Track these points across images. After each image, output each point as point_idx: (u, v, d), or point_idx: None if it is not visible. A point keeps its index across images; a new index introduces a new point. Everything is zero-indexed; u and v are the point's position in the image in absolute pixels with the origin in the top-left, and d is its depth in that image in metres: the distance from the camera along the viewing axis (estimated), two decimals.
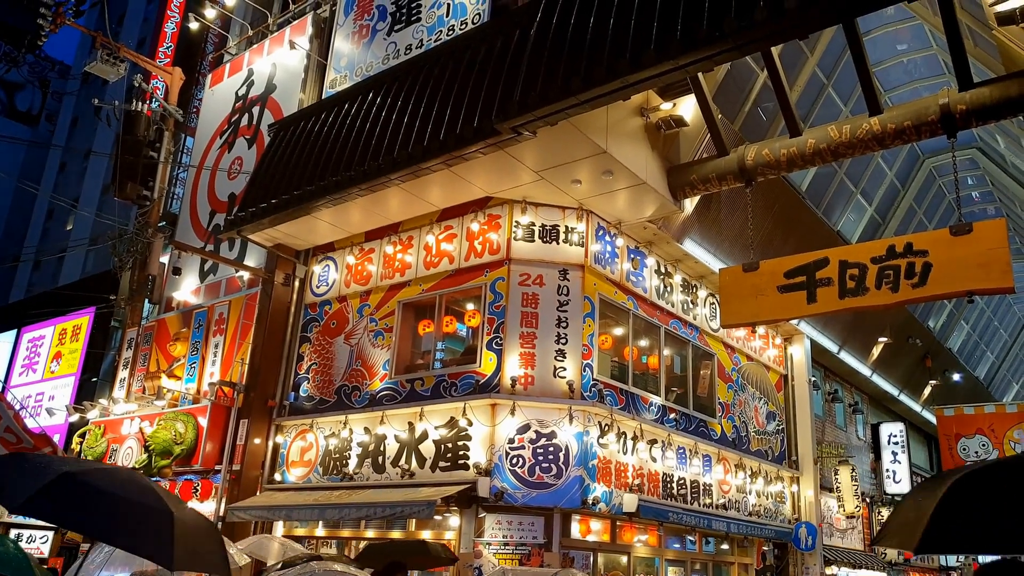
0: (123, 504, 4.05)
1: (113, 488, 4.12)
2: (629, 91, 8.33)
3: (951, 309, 23.68)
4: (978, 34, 11.99)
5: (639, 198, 10.72)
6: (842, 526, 17.59)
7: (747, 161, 9.96)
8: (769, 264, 9.14)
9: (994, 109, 8.49)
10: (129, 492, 4.15)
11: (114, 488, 4.13)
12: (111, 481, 4.24)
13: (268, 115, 14.08)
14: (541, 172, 10.17)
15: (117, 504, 4.04)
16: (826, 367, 18.34)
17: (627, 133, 10.11)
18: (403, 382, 11.09)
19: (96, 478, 4.21)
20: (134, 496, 4.12)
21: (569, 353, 10.34)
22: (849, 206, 17.31)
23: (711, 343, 13.44)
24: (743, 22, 7.16)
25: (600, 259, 11.05)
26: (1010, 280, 7.70)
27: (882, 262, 8.38)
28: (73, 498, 3.98)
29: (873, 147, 9.39)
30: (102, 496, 4.03)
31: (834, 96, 15.16)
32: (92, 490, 4.06)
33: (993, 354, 29.93)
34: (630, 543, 11.21)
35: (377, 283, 12.02)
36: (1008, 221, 11.64)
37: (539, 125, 8.84)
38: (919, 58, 16.56)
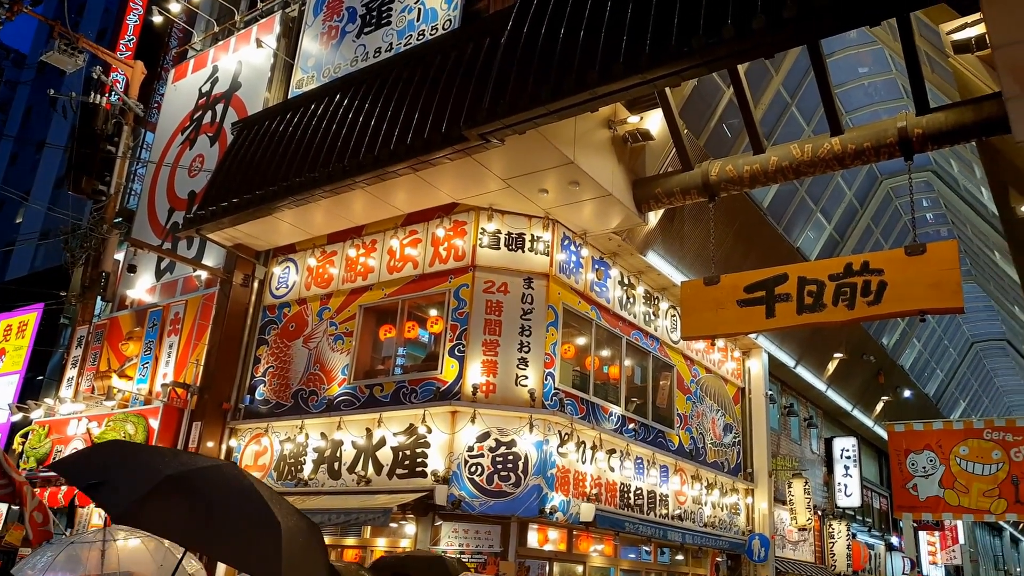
0: (230, 514, 3.84)
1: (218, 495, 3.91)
2: (597, 103, 8.37)
3: (904, 327, 24.27)
4: (935, 61, 12.35)
5: (605, 209, 10.77)
6: (794, 538, 17.85)
7: (711, 176, 10.09)
8: (730, 278, 9.25)
9: (949, 134, 8.72)
10: (235, 499, 3.93)
11: (219, 495, 3.92)
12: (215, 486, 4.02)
13: (232, 113, 13.87)
14: (508, 180, 10.16)
15: (225, 515, 3.83)
16: (783, 381, 18.63)
17: (594, 145, 10.16)
18: (362, 387, 10.96)
19: (199, 483, 4.00)
20: (241, 505, 3.91)
21: (531, 362, 10.33)
22: (809, 224, 17.64)
23: (671, 355, 13.56)
24: (711, 39, 7.25)
25: (565, 269, 11.07)
26: (960, 301, 7.90)
27: (839, 279, 8.53)
28: (177, 507, 3.77)
29: (834, 166, 9.58)
30: (206, 505, 3.82)
31: (797, 115, 15.47)
32: (196, 497, 3.85)
33: (942, 372, 30.75)
34: (586, 553, 11.22)
35: (338, 286, 11.88)
36: (959, 243, 11.97)
37: (507, 133, 8.83)
38: (879, 81, 17.00)
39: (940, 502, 14.86)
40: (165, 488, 3.76)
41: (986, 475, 14.47)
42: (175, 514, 3.78)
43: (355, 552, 10.86)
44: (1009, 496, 14.15)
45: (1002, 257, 18.49)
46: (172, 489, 3.79)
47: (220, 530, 3.78)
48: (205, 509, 3.80)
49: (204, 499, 3.83)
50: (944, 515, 15.98)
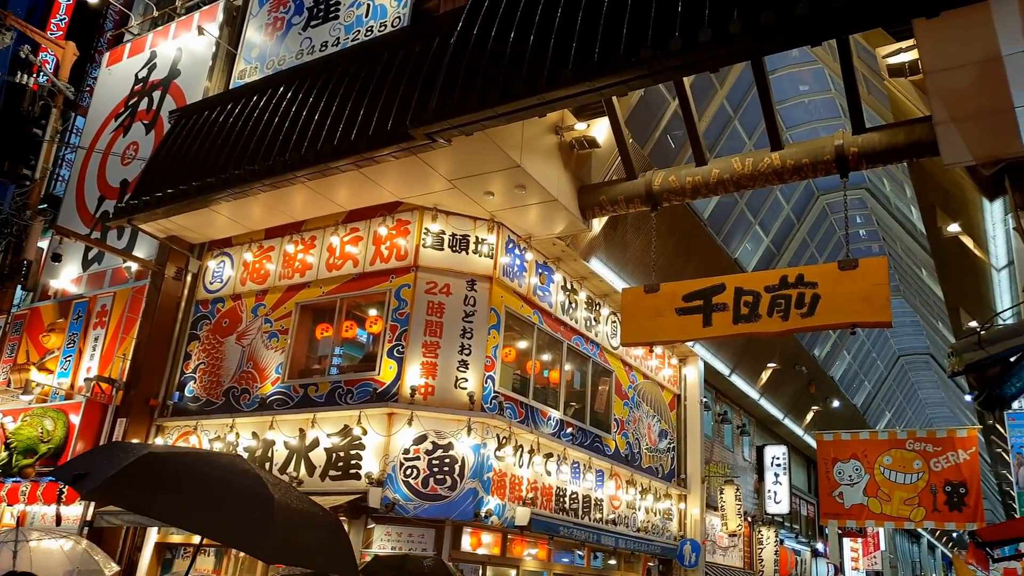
0: (211, 487, 3.56)
1: (201, 470, 3.64)
2: (545, 108, 8.37)
3: (835, 339, 25.03)
4: (872, 83, 12.77)
5: (550, 214, 10.79)
6: (724, 544, 18.20)
7: (654, 186, 10.20)
8: (669, 287, 9.36)
9: (882, 154, 9.00)
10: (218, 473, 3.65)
11: (202, 470, 3.65)
12: (201, 463, 3.77)
13: (170, 101, 13.44)
14: (454, 181, 10.09)
15: (204, 487, 3.54)
16: (717, 389, 18.99)
17: (541, 149, 10.17)
18: (296, 387, 10.73)
19: (184, 459, 3.75)
20: (224, 478, 3.62)
21: (472, 364, 10.27)
22: (747, 236, 18.04)
23: (610, 360, 13.67)
24: (658, 51, 7.32)
25: (509, 272, 11.05)
26: (889, 315, 8.14)
27: (775, 291, 8.70)
28: (152, 481, 3.49)
29: (773, 181, 9.78)
30: (186, 478, 3.56)
31: (739, 129, 15.80)
32: (175, 471, 3.57)
33: (870, 384, 31.83)
34: (520, 557, 11.20)
35: (275, 283, 11.61)
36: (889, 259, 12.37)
37: (454, 134, 8.77)
38: (819, 100, 17.50)
39: (864, 510, 15.29)
40: (145, 463, 3.53)
41: (907, 484, 14.95)
42: (152, 488, 3.52)
43: None
44: (928, 504, 14.65)
45: (928, 274, 19.24)
46: (153, 465, 3.56)
47: (200, 503, 3.51)
48: (189, 483, 3.55)
49: (184, 472, 3.61)
50: (867, 522, 16.43)
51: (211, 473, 3.69)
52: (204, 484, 3.57)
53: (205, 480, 3.60)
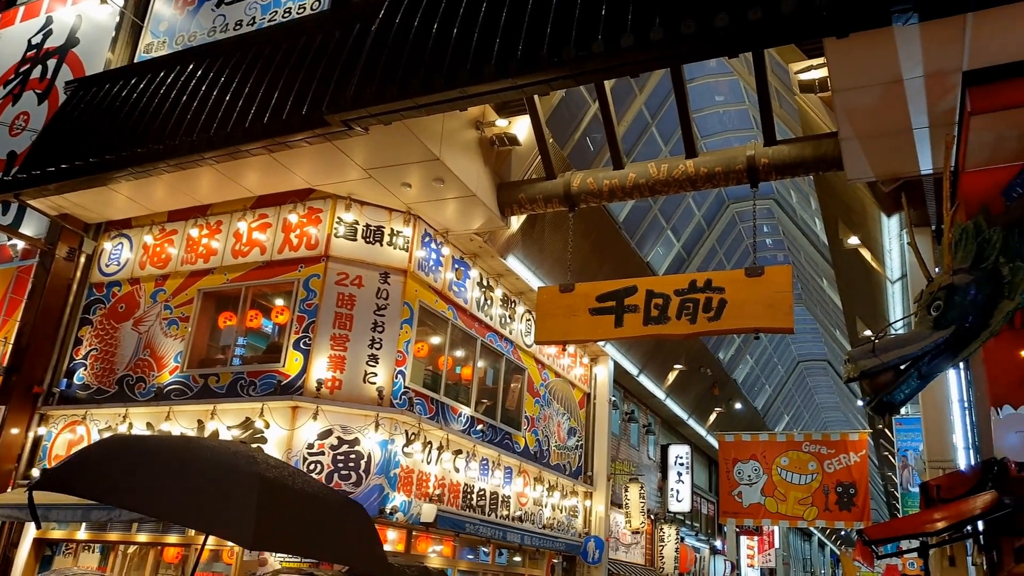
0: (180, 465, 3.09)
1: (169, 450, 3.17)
2: (466, 102, 8.27)
3: (739, 343, 25.89)
4: (784, 97, 13.21)
5: (468, 209, 10.70)
6: (627, 541, 18.56)
7: (572, 187, 10.25)
8: (584, 287, 9.44)
9: (790, 166, 9.31)
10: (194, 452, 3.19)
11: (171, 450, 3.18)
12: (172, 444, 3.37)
13: (66, 70, 12.63)
14: (370, 170, 9.87)
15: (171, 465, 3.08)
16: (626, 388, 19.33)
17: (461, 144, 10.07)
18: (196, 376, 10.28)
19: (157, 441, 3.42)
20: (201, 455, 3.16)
21: (382, 359, 10.07)
22: (659, 240, 18.42)
23: (524, 358, 13.70)
24: (581, 52, 7.33)
25: (424, 266, 10.90)
26: (791, 322, 8.44)
27: (684, 295, 8.90)
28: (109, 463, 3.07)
29: (686, 187, 9.98)
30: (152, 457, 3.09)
31: (656, 136, 16.09)
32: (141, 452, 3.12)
33: (771, 387, 33.09)
34: (424, 553, 11.08)
35: (176, 267, 11.09)
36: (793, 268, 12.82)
37: (372, 122, 8.56)
38: (733, 111, 18.02)
39: (761, 509, 15.86)
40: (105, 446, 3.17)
41: (802, 484, 15.59)
42: (107, 471, 3.09)
43: (177, 551, 10.16)
44: (820, 504, 15.32)
45: (829, 284, 20.12)
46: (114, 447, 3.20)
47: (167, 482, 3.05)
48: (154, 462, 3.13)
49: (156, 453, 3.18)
50: (764, 521, 17.05)
51: (186, 454, 3.25)
52: (172, 463, 3.13)
53: (174, 459, 3.16)
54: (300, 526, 3.19)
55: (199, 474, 3.10)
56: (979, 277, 5.50)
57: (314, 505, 3.32)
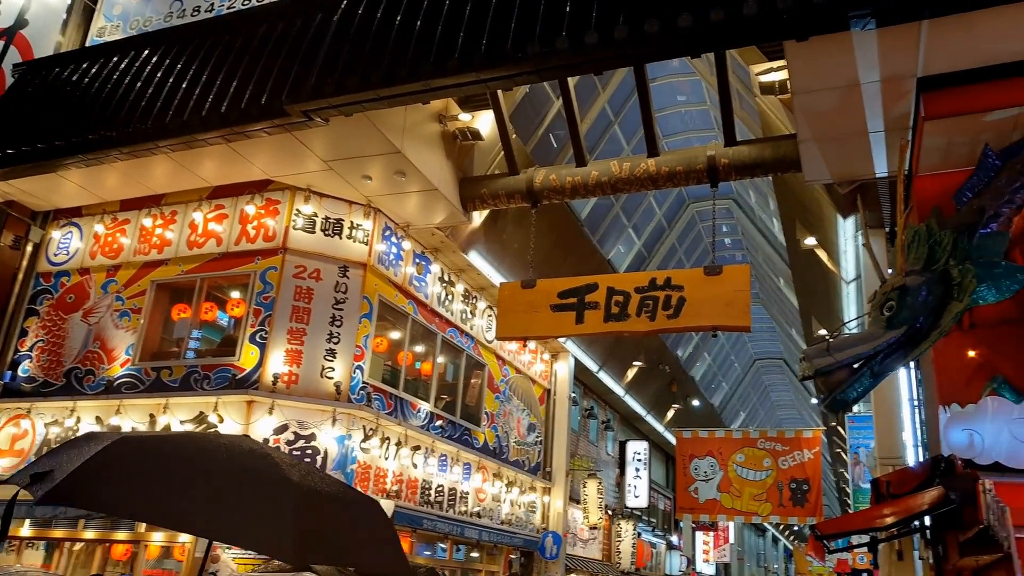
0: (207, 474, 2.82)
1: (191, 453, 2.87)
2: (430, 95, 8.20)
3: (697, 341, 26.20)
4: (745, 98, 13.36)
5: (430, 204, 10.62)
6: (585, 536, 18.66)
7: (535, 183, 10.23)
8: (545, 283, 9.44)
9: (750, 167, 9.41)
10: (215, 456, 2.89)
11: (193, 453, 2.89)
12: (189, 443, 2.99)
13: (14, 53, 12.18)
14: (330, 162, 9.74)
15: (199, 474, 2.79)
16: (585, 385, 19.43)
17: (423, 137, 9.98)
18: (148, 370, 10.05)
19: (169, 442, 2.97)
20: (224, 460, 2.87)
21: (340, 353, 9.95)
22: (621, 238, 18.53)
23: (484, 354, 13.67)
24: (545, 49, 7.31)
25: (384, 260, 10.79)
26: (748, 320, 8.53)
27: (644, 292, 8.94)
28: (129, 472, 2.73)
29: (648, 186, 10.04)
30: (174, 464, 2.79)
31: (619, 134, 16.17)
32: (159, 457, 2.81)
33: (727, 384, 33.57)
34: None
35: (129, 258, 10.82)
36: (751, 267, 12.96)
37: (332, 113, 8.43)
38: (695, 111, 18.19)
39: (717, 504, 16.04)
40: (117, 451, 2.76)
41: (757, 480, 15.81)
42: (130, 482, 2.74)
43: (126, 547, 9.92)
44: (774, 500, 15.56)
45: (785, 284, 20.45)
46: (128, 452, 2.80)
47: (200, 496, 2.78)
48: (178, 471, 2.83)
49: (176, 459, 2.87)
50: (719, 516, 17.24)
51: (205, 456, 2.96)
52: (199, 471, 2.85)
53: (199, 465, 2.88)
54: (335, 534, 3.00)
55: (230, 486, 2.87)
56: (930, 279, 5.62)
57: (339, 508, 3.16)
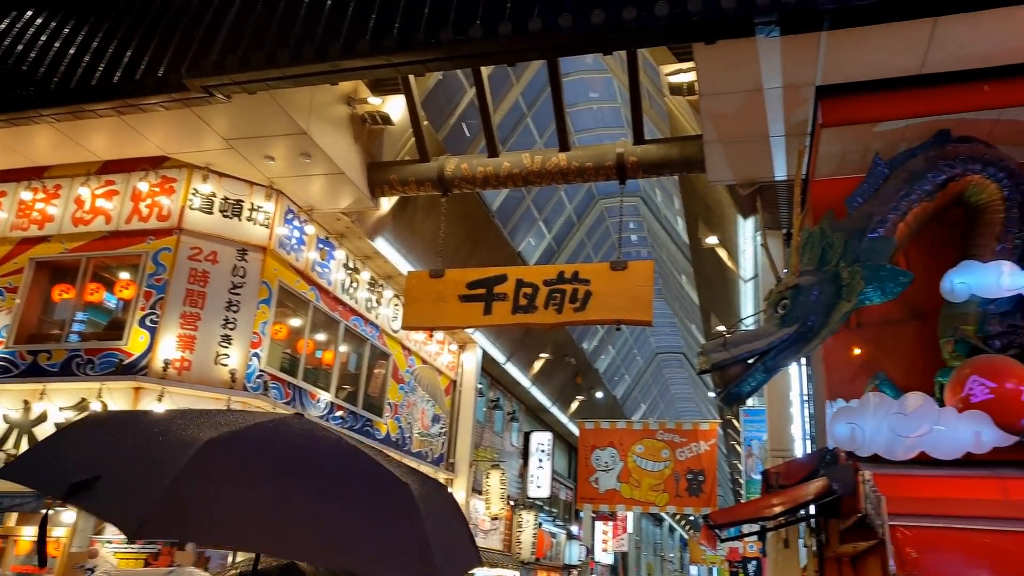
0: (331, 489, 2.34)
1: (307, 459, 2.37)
2: (338, 77, 7.97)
3: (603, 334, 26.68)
4: (654, 98, 13.63)
5: (335, 187, 10.34)
6: (486, 527, 18.71)
7: (446, 171, 10.12)
8: (454, 273, 9.37)
9: (658, 166, 9.60)
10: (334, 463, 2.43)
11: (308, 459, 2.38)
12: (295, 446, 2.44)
13: None
14: (231, 141, 9.33)
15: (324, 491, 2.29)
16: (492, 376, 19.46)
17: (331, 119, 9.70)
18: (23, 353, 9.38)
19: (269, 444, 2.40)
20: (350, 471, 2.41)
21: (236, 340, 9.58)
22: (531, 231, 18.62)
23: (389, 344, 13.46)
24: (459, 36, 7.21)
25: (285, 244, 10.44)
26: (650, 315, 8.72)
27: (552, 285, 9.01)
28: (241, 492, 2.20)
29: (558, 180, 10.09)
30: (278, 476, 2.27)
31: (531, 127, 16.20)
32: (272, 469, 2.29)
33: (630, 377, 34.38)
34: None
35: (6, 233, 10.09)
36: (656, 264, 13.24)
37: (235, 90, 8.07)
38: (607, 108, 18.44)
39: (616, 495, 16.38)
40: (210, 462, 2.20)
41: (655, 471, 16.23)
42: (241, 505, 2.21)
43: None
44: (671, 490, 16.01)
45: (687, 281, 21.07)
46: (224, 463, 2.25)
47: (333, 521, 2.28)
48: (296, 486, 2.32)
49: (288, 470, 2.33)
50: (619, 506, 17.61)
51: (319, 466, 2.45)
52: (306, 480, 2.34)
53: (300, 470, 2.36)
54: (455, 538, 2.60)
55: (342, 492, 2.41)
56: (822, 279, 5.85)
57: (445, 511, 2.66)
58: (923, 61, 6.40)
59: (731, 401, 6.12)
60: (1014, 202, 6.04)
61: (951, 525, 4.76)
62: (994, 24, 5.98)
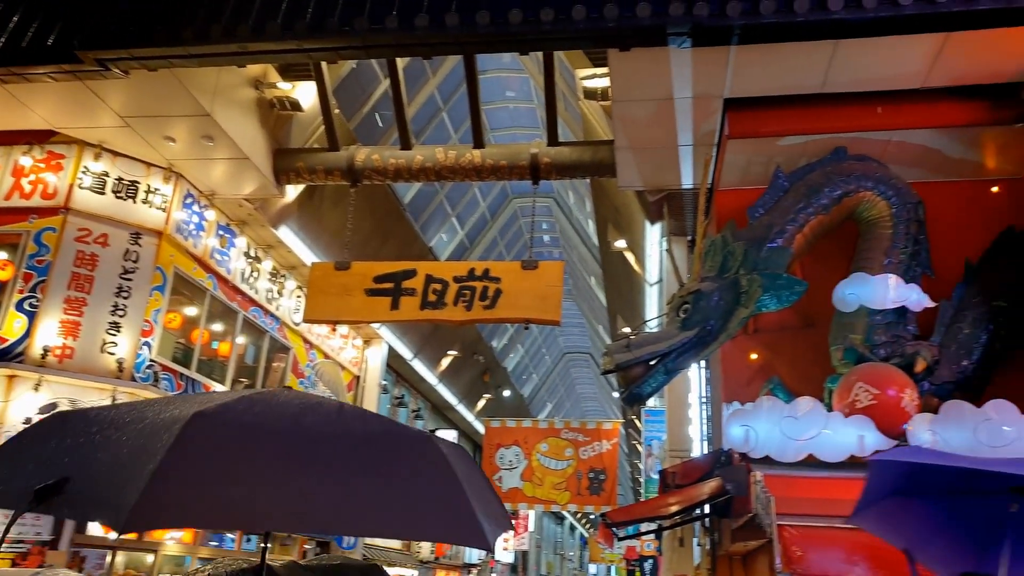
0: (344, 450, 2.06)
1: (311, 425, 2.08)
2: (246, 59, 7.66)
3: (512, 333, 26.81)
4: (569, 101, 13.76)
5: (239, 173, 9.95)
6: None
7: (356, 162, 9.90)
8: (361, 266, 9.18)
9: (570, 168, 9.67)
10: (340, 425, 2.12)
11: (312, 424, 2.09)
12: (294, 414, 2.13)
13: None
14: (128, 118, 8.84)
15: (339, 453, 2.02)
16: (398, 372, 19.22)
17: (237, 102, 9.32)
18: None
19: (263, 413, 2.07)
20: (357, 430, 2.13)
21: (126, 327, 9.08)
22: (444, 226, 18.49)
23: (290, 336, 13.08)
24: (374, 25, 7.05)
25: (183, 229, 9.98)
26: (559, 315, 8.79)
27: (462, 282, 8.95)
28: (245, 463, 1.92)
29: (472, 177, 10.03)
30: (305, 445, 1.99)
31: (447, 122, 16.08)
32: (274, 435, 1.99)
33: (538, 376, 34.69)
34: (160, 540, 10.18)
35: None
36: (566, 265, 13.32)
37: (134, 66, 7.63)
38: (523, 108, 18.50)
39: (519, 493, 16.45)
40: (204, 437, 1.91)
41: (558, 470, 16.39)
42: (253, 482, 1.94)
43: None
44: (573, 489, 16.20)
45: (596, 282, 21.42)
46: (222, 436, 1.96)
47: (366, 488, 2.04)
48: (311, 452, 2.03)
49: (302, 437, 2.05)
50: (521, 505, 17.70)
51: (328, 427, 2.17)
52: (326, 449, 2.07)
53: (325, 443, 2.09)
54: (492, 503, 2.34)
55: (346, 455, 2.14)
56: (722, 285, 6.02)
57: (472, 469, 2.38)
58: (824, 80, 6.68)
59: (633, 401, 6.22)
60: (901, 219, 6.38)
61: (833, 524, 4.97)
62: (889, 51, 6.31)
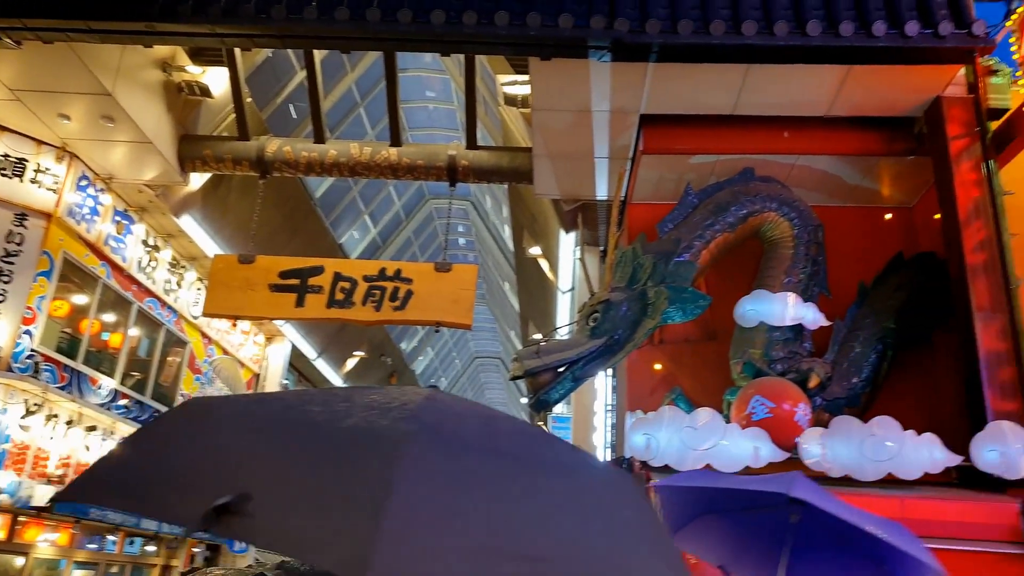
0: None
1: None
2: (154, 39, 7.30)
3: (422, 335, 26.59)
4: (490, 106, 13.77)
5: (140, 157, 9.47)
6: None
7: (267, 153, 9.58)
8: (266, 260, 8.89)
9: (488, 172, 9.66)
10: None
11: None
12: None
13: None
14: (18, 91, 8.28)
15: None
16: (300, 371, 18.73)
17: (142, 83, 8.87)
18: None
19: None
20: None
21: (5, 314, 8.50)
22: (356, 224, 18.16)
23: (188, 330, 12.54)
24: (292, 16, 6.84)
25: (76, 213, 9.42)
26: (470, 319, 8.75)
27: (372, 281, 8.79)
28: None
29: (387, 175, 9.87)
30: None
31: (363, 117, 15.81)
32: None
33: (447, 380, 34.54)
34: (31, 543, 9.54)
35: None
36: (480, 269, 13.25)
37: (27, 37, 7.15)
38: (442, 109, 18.40)
39: None
40: (424, 469, 1.52)
41: None
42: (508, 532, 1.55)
43: None
44: None
45: (510, 288, 21.50)
46: (442, 469, 1.56)
47: None
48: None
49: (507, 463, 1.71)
50: None
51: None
52: None
53: None
54: None
55: None
56: (631, 296, 6.13)
57: None
58: (736, 103, 6.91)
59: (540, 407, 6.25)
60: (802, 240, 6.66)
61: None
62: (797, 79, 6.59)
